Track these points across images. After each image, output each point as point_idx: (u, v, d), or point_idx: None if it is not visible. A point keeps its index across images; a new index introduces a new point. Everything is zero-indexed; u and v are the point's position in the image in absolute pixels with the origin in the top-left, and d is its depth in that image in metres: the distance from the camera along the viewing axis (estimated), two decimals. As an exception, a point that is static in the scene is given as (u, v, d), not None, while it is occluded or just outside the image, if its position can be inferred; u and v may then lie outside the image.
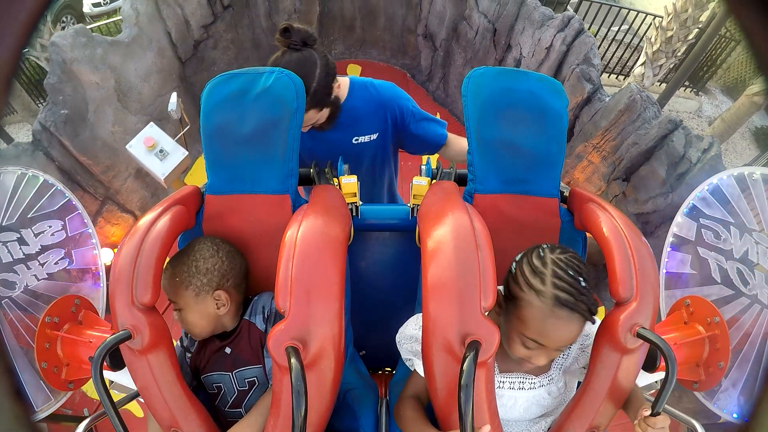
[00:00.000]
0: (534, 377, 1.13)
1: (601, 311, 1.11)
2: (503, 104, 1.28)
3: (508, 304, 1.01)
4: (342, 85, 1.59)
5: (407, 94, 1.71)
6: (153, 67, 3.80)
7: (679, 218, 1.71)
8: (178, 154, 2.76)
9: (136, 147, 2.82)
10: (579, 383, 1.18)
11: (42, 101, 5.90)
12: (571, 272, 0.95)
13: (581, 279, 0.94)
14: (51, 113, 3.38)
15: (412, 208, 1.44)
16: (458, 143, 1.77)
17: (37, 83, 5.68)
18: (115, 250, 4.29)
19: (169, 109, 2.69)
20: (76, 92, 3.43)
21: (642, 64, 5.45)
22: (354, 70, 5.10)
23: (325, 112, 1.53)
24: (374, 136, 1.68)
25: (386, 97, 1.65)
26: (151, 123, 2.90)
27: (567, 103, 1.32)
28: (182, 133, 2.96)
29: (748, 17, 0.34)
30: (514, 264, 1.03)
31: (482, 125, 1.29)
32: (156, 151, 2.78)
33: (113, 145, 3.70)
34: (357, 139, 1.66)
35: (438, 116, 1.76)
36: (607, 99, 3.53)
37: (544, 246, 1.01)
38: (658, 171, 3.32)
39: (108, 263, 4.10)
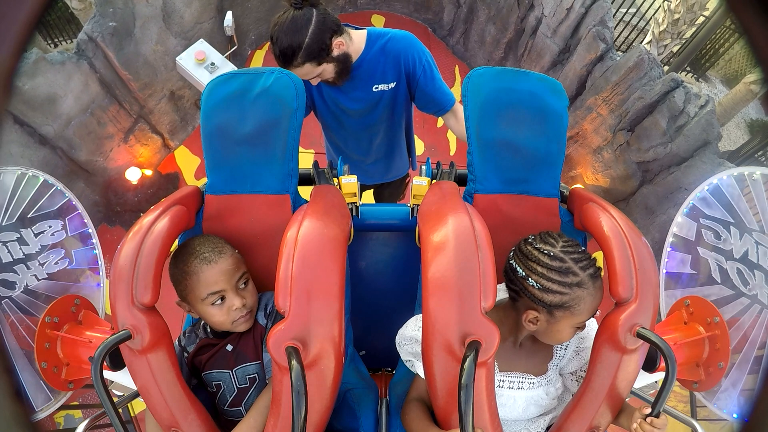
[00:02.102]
0: (533, 377, 1.13)
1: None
2: (503, 104, 1.28)
3: (553, 312, 1.01)
4: (357, 39, 1.68)
5: (424, 47, 1.76)
6: (195, -8, 3.93)
7: (679, 218, 1.71)
8: (226, 68, 2.92)
9: (186, 59, 2.99)
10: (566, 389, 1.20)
11: (51, 41, 5.82)
12: (579, 249, 1.03)
13: (583, 246, 1.04)
14: (98, 25, 3.47)
15: (412, 208, 1.44)
16: None
17: (45, 23, 5.68)
18: (143, 170, 4.44)
19: (225, 24, 2.91)
20: (126, 6, 3.53)
21: (648, 43, 5.60)
22: (378, 21, 5.32)
23: (328, 67, 1.60)
24: (392, 85, 1.77)
25: (401, 47, 1.71)
26: (202, 39, 3.07)
27: (567, 103, 1.32)
28: (231, 51, 3.11)
29: (747, 15, 0.34)
30: (532, 281, 1.01)
31: (482, 125, 1.29)
32: (206, 64, 2.98)
33: (153, 64, 3.82)
34: (377, 87, 1.76)
35: (457, 69, 1.83)
36: (618, 58, 3.95)
37: (538, 246, 1.03)
38: (660, 122, 3.75)
39: (135, 181, 4.21)
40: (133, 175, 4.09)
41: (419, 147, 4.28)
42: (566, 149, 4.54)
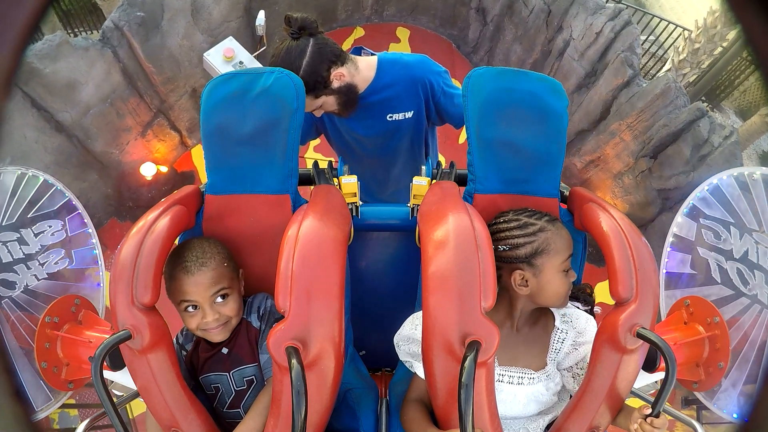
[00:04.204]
0: (533, 372, 1.14)
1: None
2: (504, 104, 1.28)
3: (533, 262, 1.09)
4: (366, 68, 1.60)
5: (440, 66, 1.70)
6: (225, -10, 3.86)
7: (679, 218, 1.71)
8: (255, 67, 2.89)
9: (215, 56, 2.97)
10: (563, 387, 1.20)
11: (71, 31, 5.68)
12: (528, 209, 1.16)
13: (528, 207, 1.19)
14: (126, 14, 3.42)
15: (412, 208, 1.44)
16: None
17: (67, 12, 5.60)
18: (158, 167, 4.30)
19: (257, 23, 2.89)
20: None
21: (667, 71, 5.63)
22: (403, 34, 5.34)
23: (328, 99, 1.54)
24: (409, 114, 1.69)
25: (417, 74, 1.64)
26: (231, 37, 3.05)
27: (567, 103, 1.32)
28: (260, 50, 3.10)
29: (749, 18, 0.34)
30: (502, 246, 1.11)
31: (482, 125, 1.29)
32: (234, 62, 2.96)
33: (178, 58, 3.77)
34: (391, 116, 1.68)
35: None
36: (645, 84, 3.97)
37: (493, 222, 1.17)
38: (683, 151, 3.81)
39: (149, 177, 4.08)
40: (148, 170, 4.00)
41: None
42: (586, 173, 4.59)
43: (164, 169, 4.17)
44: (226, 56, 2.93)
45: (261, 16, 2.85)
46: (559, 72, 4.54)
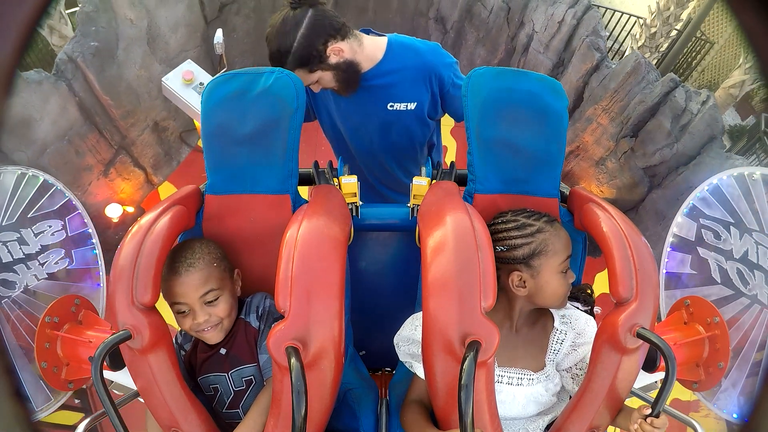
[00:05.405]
0: (532, 373, 1.14)
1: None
2: (503, 104, 1.28)
3: (530, 264, 1.09)
4: (372, 47, 1.52)
5: (451, 56, 1.62)
6: (182, 19, 3.75)
7: (679, 218, 1.71)
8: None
9: (173, 80, 2.86)
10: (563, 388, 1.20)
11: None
12: (528, 210, 1.17)
13: (526, 208, 1.20)
14: (79, 44, 3.26)
15: (412, 208, 1.44)
16: None
17: (24, 64, 5.40)
18: (125, 207, 3.99)
19: (215, 41, 2.78)
20: (109, 26, 3.32)
21: None
22: None
23: (325, 75, 1.46)
24: (411, 106, 1.59)
25: (428, 63, 1.55)
26: (189, 60, 2.95)
27: (567, 103, 1.32)
28: (222, 72, 3.04)
29: (749, 17, 0.34)
30: (500, 247, 1.11)
31: (482, 125, 1.29)
32: (195, 84, 2.86)
33: (137, 90, 3.62)
34: (392, 106, 1.59)
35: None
36: (614, 66, 3.94)
37: (492, 222, 1.17)
38: (663, 124, 3.75)
39: (115, 219, 3.85)
40: (113, 212, 3.77)
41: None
42: (567, 165, 4.54)
43: (131, 209, 3.92)
44: (186, 79, 2.81)
45: (219, 34, 2.76)
46: (526, 67, 4.48)
